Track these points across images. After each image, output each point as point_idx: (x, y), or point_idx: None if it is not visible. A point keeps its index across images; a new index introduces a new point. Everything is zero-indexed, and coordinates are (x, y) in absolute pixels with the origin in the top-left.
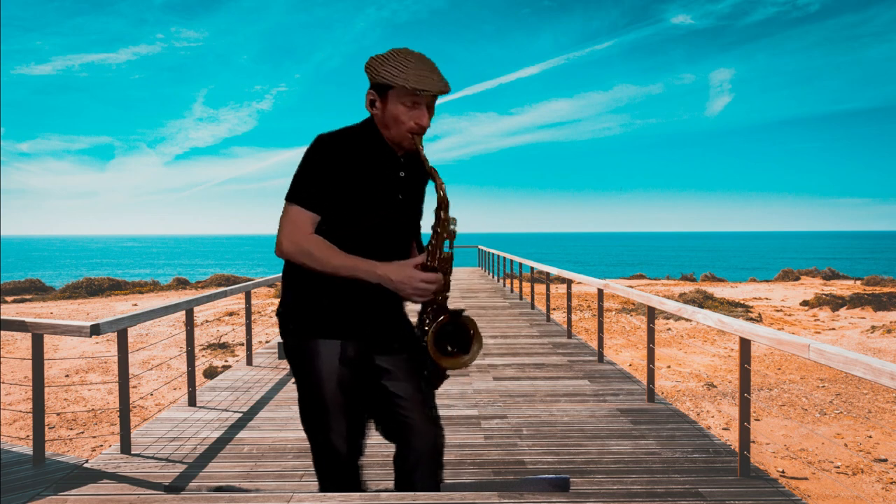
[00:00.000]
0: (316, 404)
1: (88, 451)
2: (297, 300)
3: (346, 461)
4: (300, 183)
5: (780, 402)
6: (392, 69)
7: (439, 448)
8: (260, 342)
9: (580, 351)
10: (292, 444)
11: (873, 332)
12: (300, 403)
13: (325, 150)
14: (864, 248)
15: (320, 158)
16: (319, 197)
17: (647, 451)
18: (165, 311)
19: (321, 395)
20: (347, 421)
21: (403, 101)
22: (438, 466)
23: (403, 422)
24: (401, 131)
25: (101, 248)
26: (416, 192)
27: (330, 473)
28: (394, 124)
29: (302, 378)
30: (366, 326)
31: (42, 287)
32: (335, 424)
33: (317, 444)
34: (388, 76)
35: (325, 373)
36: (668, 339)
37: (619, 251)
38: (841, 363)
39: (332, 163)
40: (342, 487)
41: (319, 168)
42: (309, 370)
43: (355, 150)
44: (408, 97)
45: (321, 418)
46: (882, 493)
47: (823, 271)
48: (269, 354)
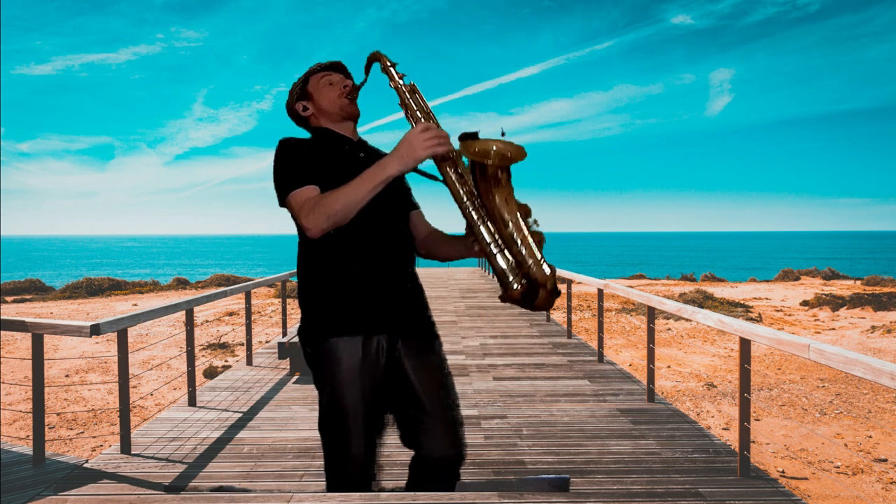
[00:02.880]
0: (336, 414)
1: (88, 451)
2: (311, 297)
3: (362, 469)
4: (285, 175)
5: (780, 402)
6: (298, 80)
7: (458, 461)
8: (260, 342)
9: (580, 351)
10: (292, 444)
11: (873, 332)
12: (320, 408)
13: (292, 145)
14: (864, 248)
15: (291, 152)
16: (307, 174)
17: (647, 451)
18: (165, 311)
19: (342, 404)
20: (367, 429)
21: (322, 81)
22: (455, 478)
23: (423, 431)
24: (336, 100)
25: (101, 248)
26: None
27: (343, 481)
28: (328, 101)
29: (322, 385)
30: (387, 319)
31: (42, 287)
32: (354, 434)
33: (332, 451)
34: (299, 81)
35: (346, 380)
36: (668, 339)
37: (619, 251)
38: (841, 363)
39: (302, 155)
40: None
41: (294, 159)
42: (329, 376)
43: (315, 146)
44: (322, 77)
45: (341, 427)
46: (882, 493)
47: (823, 271)
48: (269, 354)
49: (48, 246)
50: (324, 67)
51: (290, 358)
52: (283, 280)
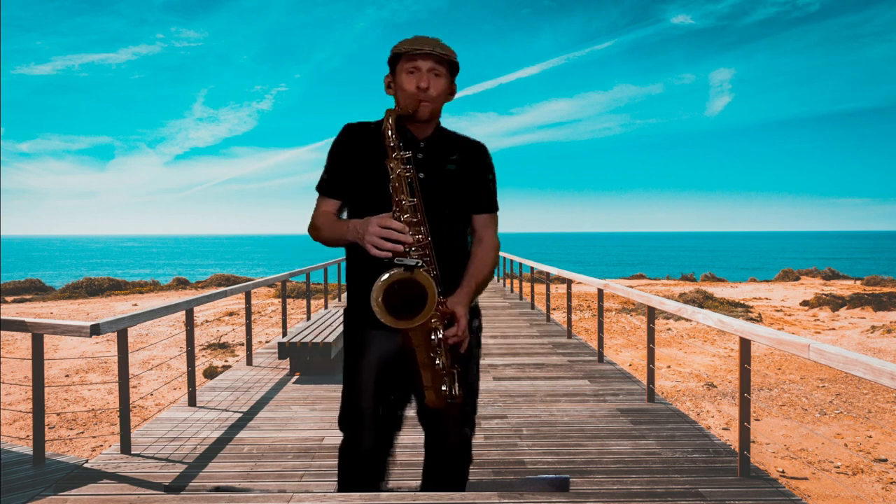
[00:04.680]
0: (351, 387)
1: (88, 451)
2: (352, 294)
3: (372, 453)
4: (324, 170)
5: (780, 402)
6: (396, 46)
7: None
8: (260, 342)
9: (580, 351)
10: (292, 444)
11: (873, 332)
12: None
13: (340, 138)
14: (864, 248)
15: (335, 147)
16: (333, 183)
17: (647, 451)
18: (165, 311)
19: (360, 378)
20: (380, 409)
21: (405, 68)
22: (467, 460)
23: (431, 417)
24: (405, 98)
25: (101, 248)
26: (443, 171)
27: (352, 473)
28: (400, 94)
29: (350, 361)
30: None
31: (42, 287)
32: (367, 415)
33: (345, 441)
34: (391, 52)
35: (370, 360)
36: (668, 339)
37: (619, 251)
38: (841, 363)
39: (345, 150)
40: (362, 476)
41: (334, 156)
42: (357, 354)
43: (369, 138)
44: (407, 63)
45: (356, 418)
46: (882, 493)
47: (823, 271)
48: (269, 354)
49: (48, 246)
50: (413, 51)
51: (290, 358)
52: (283, 280)
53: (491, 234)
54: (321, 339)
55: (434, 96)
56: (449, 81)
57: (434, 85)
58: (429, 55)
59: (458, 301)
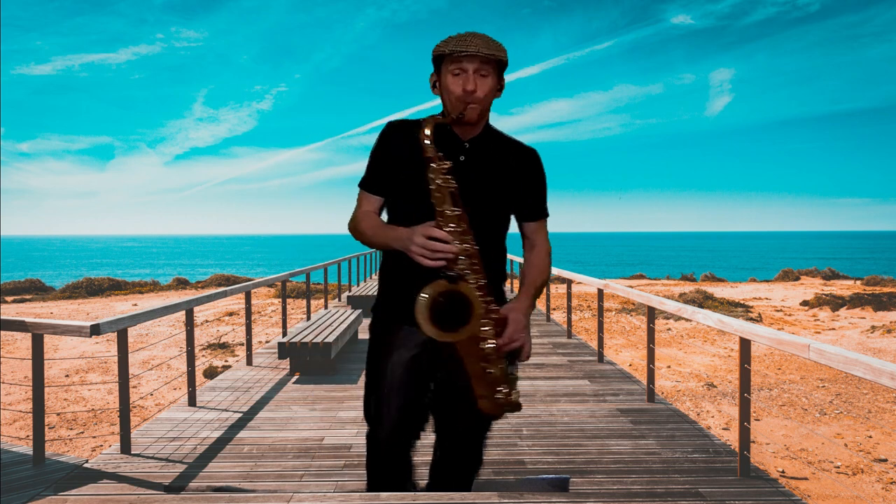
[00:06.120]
0: (379, 379)
1: (88, 451)
2: (385, 290)
3: (394, 442)
4: (367, 167)
5: (780, 402)
6: (440, 44)
7: (480, 446)
8: (260, 342)
9: (580, 351)
10: (292, 444)
11: (873, 332)
12: (366, 382)
13: (383, 135)
14: (864, 248)
15: (377, 143)
16: (375, 180)
17: (647, 451)
18: (165, 311)
19: (384, 370)
20: (404, 401)
21: (450, 69)
22: (479, 463)
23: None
24: (451, 101)
25: (101, 248)
26: (487, 175)
27: (376, 454)
28: (446, 96)
29: (374, 353)
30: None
31: (42, 287)
32: (391, 402)
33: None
34: (436, 50)
35: (396, 354)
36: (668, 339)
37: (619, 251)
38: (841, 363)
39: (387, 148)
40: (386, 470)
41: (376, 152)
42: (387, 349)
43: (411, 137)
44: (453, 64)
45: (379, 393)
46: (882, 493)
47: (823, 271)
48: (269, 354)
49: (48, 246)
50: (457, 52)
51: (290, 358)
52: (283, 280)
53: (542, 238)
54: (321, 340)
55: (481, 98)
56: (497, 80)
57: (481, 86)
58: (474, 56)
59: (514, 307)
